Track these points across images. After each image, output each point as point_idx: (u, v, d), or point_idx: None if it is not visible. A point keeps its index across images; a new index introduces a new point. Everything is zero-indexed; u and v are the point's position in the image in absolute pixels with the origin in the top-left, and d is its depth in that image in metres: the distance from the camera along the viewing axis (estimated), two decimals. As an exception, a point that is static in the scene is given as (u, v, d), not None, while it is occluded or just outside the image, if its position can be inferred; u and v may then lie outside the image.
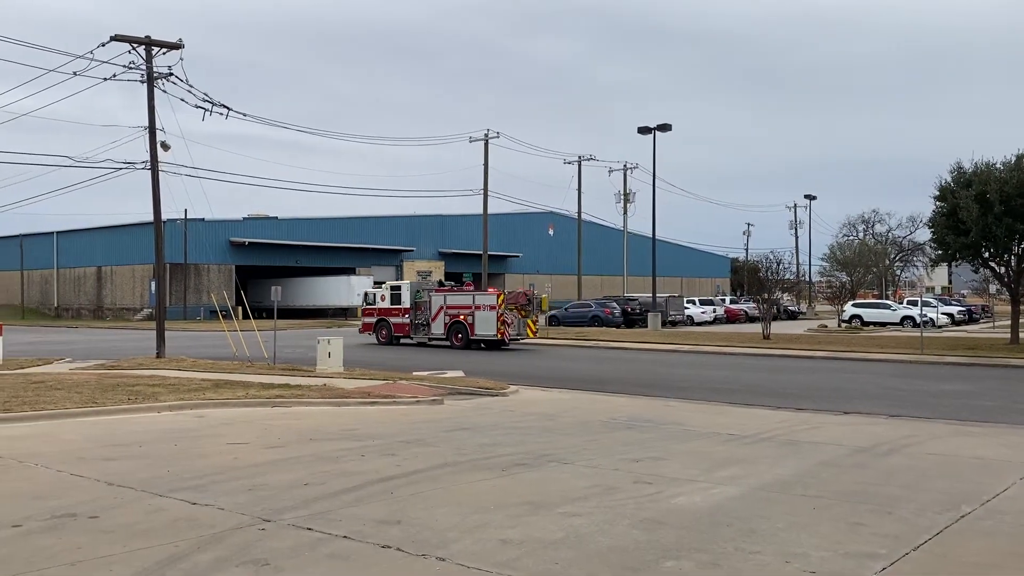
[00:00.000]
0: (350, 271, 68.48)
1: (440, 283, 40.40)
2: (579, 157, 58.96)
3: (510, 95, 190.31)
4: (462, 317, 33.66)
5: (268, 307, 28.40)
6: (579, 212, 60.35)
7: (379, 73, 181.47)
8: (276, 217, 68.62)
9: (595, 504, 8.18)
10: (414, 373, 21.24)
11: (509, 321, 33.11)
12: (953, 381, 21.60)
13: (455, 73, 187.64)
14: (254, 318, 29.03)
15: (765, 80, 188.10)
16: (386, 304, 36.77)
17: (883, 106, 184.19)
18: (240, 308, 37.51)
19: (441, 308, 34.27)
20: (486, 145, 49.10)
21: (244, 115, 30.97)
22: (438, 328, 34.33)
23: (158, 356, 25.39)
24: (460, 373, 21.55)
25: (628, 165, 63.81)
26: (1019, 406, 16.68)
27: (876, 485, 9.11)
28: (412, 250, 74.26)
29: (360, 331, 37.97)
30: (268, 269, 66.27)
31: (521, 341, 34.76)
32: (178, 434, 12.27)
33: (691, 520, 7.62)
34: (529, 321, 34.34)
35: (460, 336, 33.60)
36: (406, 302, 35.95)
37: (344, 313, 64.93)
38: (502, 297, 33.61)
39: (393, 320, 36.32)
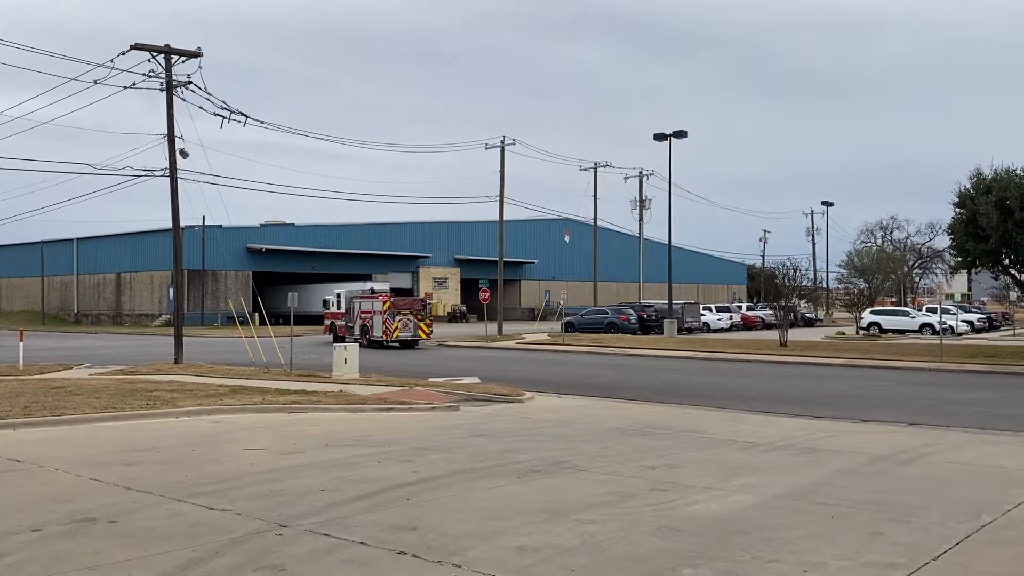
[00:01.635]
0: (366, 277, 68.63)
1: (371, 290, 45.02)
2: (595, 164, 58.89)
3: (527, 101, 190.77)
4: (366, 320, 38.99)
5: (285, 313, 28.55)
6: (595, 219, 60.30)
7: (396, 80, 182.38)
8: (293, 224, 69.01)
9: (611, 511, 8.15)
10: (430, 379, 21.27)
11: (394, 326, 37.89)
12: (973, 389, 21.38)
13: (472, 80, 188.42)
14: (271, 324, 29.17)
15: (783, 85, 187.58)
16: (334, 309, 42.59)
17: (902, 111, 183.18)
18: (257, 314, 37.75)
19: (358, 313, 39.64)
20: (502, 152, 49.15)
21: (262, 123, 31.33)
22: (357, 330, 38.98)
23: (176, 362, 25.55)
24: (476, 379, 21.55)
25: (644, 172, 63.67)
26: (1041, 415, 16.49)
27: (895, 494, 9.03)
28: (428, 256, 74.45)
29: (322, 332, 43.35)
30: (285, 275, 66.61)
31: (425, 342, 39.29)
32: (196, 439, 12.34)
33: (708, 528, 7.58)
34: (422, 324, 38.85)
35: (367, 337, 37.93)
36: (343, 307, 41.36)
37: (360, 319, 65.07)
38: (388, 304, 38.49)
39: (338, 323, 41.75)
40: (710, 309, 59.60)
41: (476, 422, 14.51)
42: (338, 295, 42.71)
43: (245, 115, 27.96)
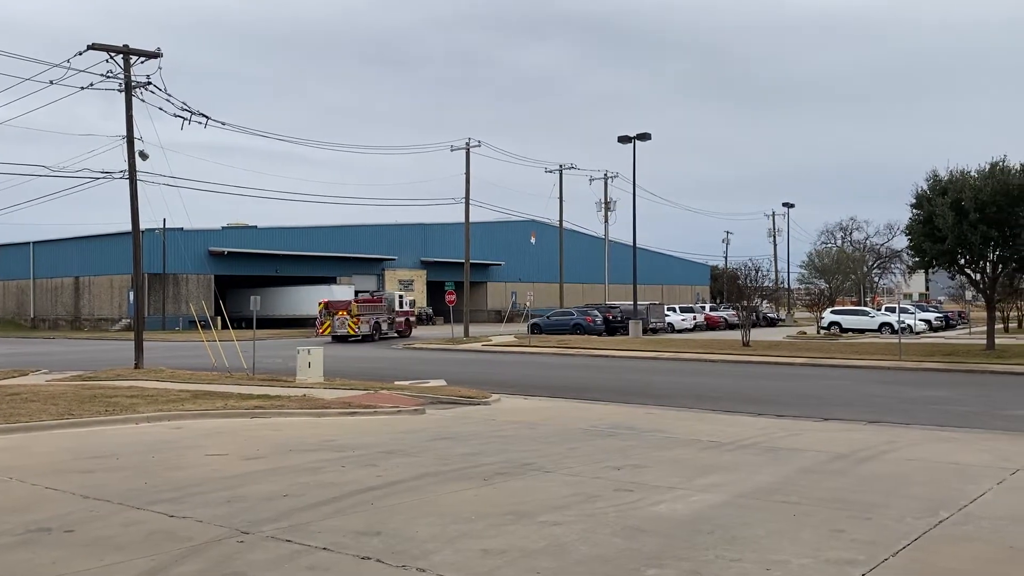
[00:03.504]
0: (331, 280, 68.18)
1: (356, 293, 54.13)
2: (560, 166, 59.11)
3: (492, 104, 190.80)
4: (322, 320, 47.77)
5: (248, 317, 28.22)
6: (560, 220, 60.50)
7: (361, 82, 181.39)
8: (256, 226, 68.28)
9: (576, 512, 8.17)
10: (395, 382, 21.17)
11: (326, 323, 46.94)
12: (931, 387, 21.80)
13: (437, 82, 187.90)
14: (234, 328, 28.82)
15: (745, 90, 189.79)
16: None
17: (861, 115, 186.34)
18: (219, 318, 37.30)
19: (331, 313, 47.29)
20: (467, 154, 49.10)
21: (223, 124, 30.88)
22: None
23: (136, 367, 25.14)
24: (442, 382, 21.49)
25: (609, 174, 64.06)
26: (996, 411, 16.86)
27: (855, 491, 9.17)
28: (394, 259, 74.09)
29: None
30: (248, 279, 65.86)
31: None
32: (156, 446, 12.14)
33: (672, 528, 7.63)
34: (350, 322, 46.07)
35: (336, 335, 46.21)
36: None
37: (325, 322, 64.57)
38: (322, 305, 48.21)
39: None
40: (674, 310, 60.08)
41: (442, 425, 14.46)
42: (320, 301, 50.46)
43: (206, 116, 27.63)
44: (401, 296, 53.38)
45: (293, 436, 13.06)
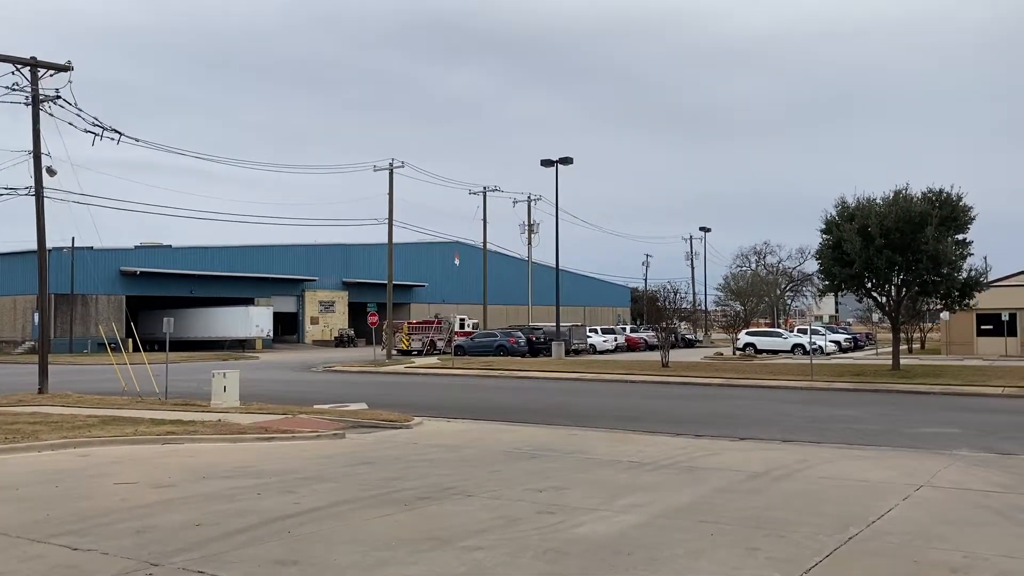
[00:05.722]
0: (248, 301, 66.69)
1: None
2: (484, 188, 59.39)
3: (415, 126, 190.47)
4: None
5: (162, 339, 27.32)
6: (484, 242, 60.66)
7: (283, 102, 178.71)
8: (170, 246, 66.36)
9: (498, 536, 8.13)
10: (315, 406, 20.76)
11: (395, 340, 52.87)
12: (841, 406, 22.55)
13: (359, 103, 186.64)
14: (148, 350, 27.90)
15: (664, 117, 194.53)
16: None
17: (773, 143, 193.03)
18: (131, 340, 36.03)
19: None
20: (391, 174, 48.86)
21: (136, 141, 29.92)
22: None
23: (40, 391, 24.02)
24: (363, 405, 21.18)
25: (532, 197, 64.66)
26: (902, 429, 17.54)
27: (770, 510, 9.39)
28: (315, 280, 72.97)
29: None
30: (162, 299, 63.90)
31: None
32: (60, 475, 11.60)
33: (593, 549, 7.67)
34: (403, 339, 53.01)
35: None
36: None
37: (241, 345, 63.08)
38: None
39: None
40: (596, 331, 60.76)
41: (362, 450, 14.24)
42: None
43: (119, 132, 26.77)
44: (463, 319, 61.85)
45: (207, 463, 12.66)
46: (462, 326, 59.46)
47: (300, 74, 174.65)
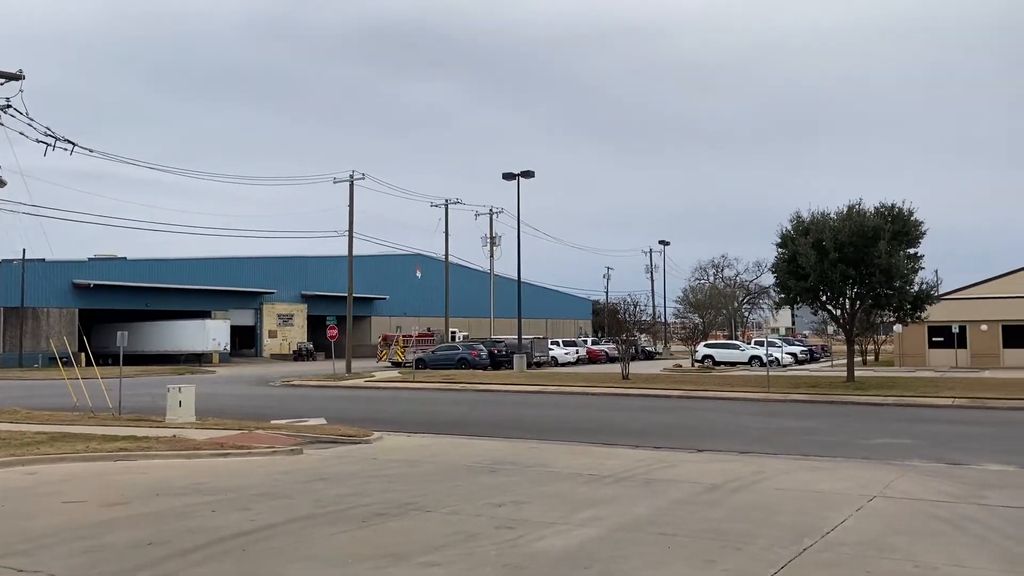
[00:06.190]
0: (205, 315, 65.71)
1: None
2: (446, 200, 59.30)
3: (376, 138, 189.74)
4: None
5: (116, 353, 26.83)
6: (446, 255, 60.54)
7: (242, 113, 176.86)
8: (125, 258, 65.17)
9: (456, 552, 8.09)
10: (272, 421, 20.50)
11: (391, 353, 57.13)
12: (797, 417, 22.87)
13: (318, 114, 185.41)
14: (102, 365, 27.32)
15: (625, 131, 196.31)
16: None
17: (732, 158, 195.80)
18: (83, 355, 35.29)
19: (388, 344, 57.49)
20: (351, 186, 48.57)
21: (91, 151, 29.40)
22: None
23: (-13, 408, 23.35)
24: (322, 420, 20.96)
25: (494, 209, 64.74)
26: (856, 440, 17.83)
27: (727, 521, 9.47)
28: (273, 292, 72.17)
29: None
30: (116, 313, 62.69)
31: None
32: (6, 494, 11.29)
33: (552, 563, 7.66)
34: (399, 351, 54.18)
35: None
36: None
37: (198, 359, 62.12)
38: (382, 338, 59.01)
39: None
40: (558, 343, 60.91)
41: (320, 465, 14.08)
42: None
43: (72, 143, 26.25)
44: (454, 332, 62.77)
45: (160, 479, 12.42)
46: (453, 338, 59.58)
47: (258, 84, 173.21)
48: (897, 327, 46.77)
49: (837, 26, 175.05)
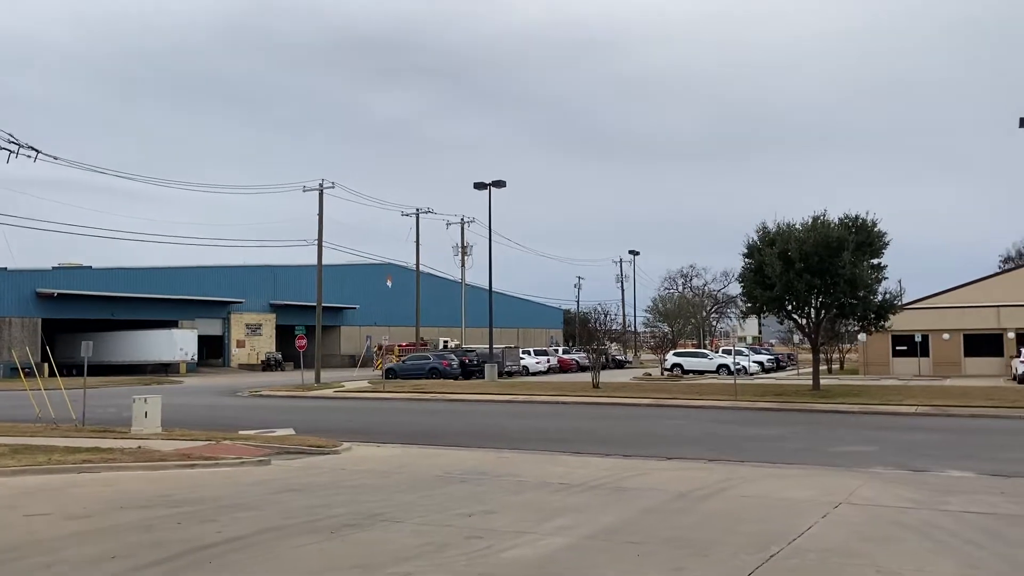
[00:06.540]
0: (172, 324, 64.88)
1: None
2: (417, 210, 59.21)
3: (346, 147, 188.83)
4: None
5: (80, 363, 26.42)
6: (417, 264, 60.41)
7: (210, 121, 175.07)
8: (90, 267, 64.19)
9: (426, 563, 8.06)
10: (240, 432, 20.28)
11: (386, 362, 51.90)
12: (764, 425, 23.09)
13: (288, 123, 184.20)
14: (66, 375, 26.86)
15: (594, 142, 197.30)
16: None
17: (699, 169, 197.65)
18: (46, 365, 34.70)
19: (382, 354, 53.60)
20: (321, 195, 48.32)
21: (55, 159, 29.04)
22: None
23: (-55, 420, 22.86)
24: (291, 431, 20.78)
25: (465, 219, 64.80)
26: (822, 448, 18.05)
27: (695, 529, 9.55)
28: (242, 302, 71.42)
29: None
30: (81, 323, 61.66)
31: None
32: (-35, 508, 11.05)
33: (522, 573, 7.67)
34: (393, 359, 52.23)
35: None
36: None
37: (165, 369, 61.30)
38: (377, 347, 54.93)
39: None
40: (529, 353, 60.95)
41: (288, 476, 13.96)
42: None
43: (36, 150, 25.98)
44: (446, 341, 66.06)
45: (125, 492, 12.24)
46: (445, 347, 61.06)
47: (229, 93, 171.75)
48: (861, 336, 47.43)
49: (807, 40, 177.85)
